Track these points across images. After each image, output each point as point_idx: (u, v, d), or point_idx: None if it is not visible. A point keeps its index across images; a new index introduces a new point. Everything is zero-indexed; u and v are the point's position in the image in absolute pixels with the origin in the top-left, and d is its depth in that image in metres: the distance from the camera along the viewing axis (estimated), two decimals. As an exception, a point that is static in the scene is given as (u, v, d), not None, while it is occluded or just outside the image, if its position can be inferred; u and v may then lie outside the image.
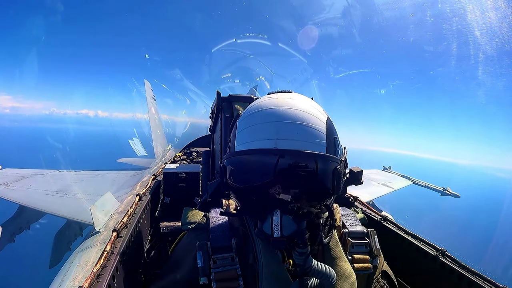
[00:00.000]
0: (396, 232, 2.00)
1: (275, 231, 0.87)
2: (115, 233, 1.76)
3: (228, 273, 0.97)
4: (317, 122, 0.94)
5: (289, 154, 0.87)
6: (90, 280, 1.32)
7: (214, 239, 1.03)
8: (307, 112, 0.95)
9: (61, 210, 5.65)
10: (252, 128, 0.95)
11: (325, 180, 0.91)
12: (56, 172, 8.24)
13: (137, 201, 2.46)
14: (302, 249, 0.91)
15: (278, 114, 0.93)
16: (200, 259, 0.98)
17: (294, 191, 0.88)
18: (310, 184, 0.89)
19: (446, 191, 8.06)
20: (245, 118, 1.00)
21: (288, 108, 0.95)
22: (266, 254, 0.98)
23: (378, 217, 2.21)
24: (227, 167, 0.99)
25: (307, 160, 0.88)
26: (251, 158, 0.91)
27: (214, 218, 1.12)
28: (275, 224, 0.87)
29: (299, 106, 0.96)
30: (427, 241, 1.82)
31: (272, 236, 0.88)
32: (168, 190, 2.99)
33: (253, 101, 2.35)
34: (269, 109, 0.96)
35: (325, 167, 0.91)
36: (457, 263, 1.59)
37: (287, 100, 0.99)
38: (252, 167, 0.91)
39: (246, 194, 0.95)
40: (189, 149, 5.55)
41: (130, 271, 1.91)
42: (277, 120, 0.92)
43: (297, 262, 0.92)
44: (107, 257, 1.53)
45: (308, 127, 0.92)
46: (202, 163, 2.75)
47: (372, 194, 7.04)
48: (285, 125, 0.91)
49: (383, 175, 8.71)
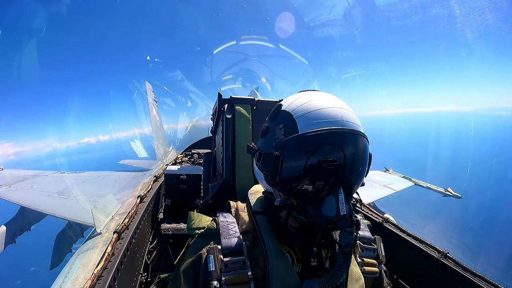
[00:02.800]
0: (397, 234, 2.00)
1: (342, 209, 0.89)
2: (116, 235, 1.77)
3: (240, 277, 0.97)
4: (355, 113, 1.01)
5: (356, 133, 0.94)
6: (91, 281, 1.32)
7: (225, 244, 1.03)
8: (345, 103, 1.02)
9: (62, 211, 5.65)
10: (317, 111, 0.96)
11: (368, 162, 1.00)
12: (58, 174, 8.26)
13: (138, 202, 2.47)
14: (351, 229, 0.93)
15: (333, 102, 0.99)
16: (211, 263, 0.98)
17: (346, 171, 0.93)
18: (363, 164, 0.97)
19: (447, 192, 8.01)
20: (302, 105, 1.00)
21: (336, 99, 1.02)
22: (276, 257, 0.99)
23: (380, 219, 2.21)
24: (284, 154, 0.95)
25: (363, 141, 0.96)
26: (322, 137, 0.91)
27: (223, 222, 1.10)
28: (341, 202, 0.89)
29: (340, 99, 1.03)
30: (429, 243, 1.82)
31: (339, 214, 0.89)
32: (169, 191, 2.99)
33: (254, 102, 2.36)
34: (322, 98, 1.01)
35: (368, 150, 0.99)
36: (459, 265, 1.59)
37: (329, 94, 1.05)
38: (319, 145, 0.92)
39: (305, 176, 0.93)
40: (190, 150, 5.56)
41: (131, 273, 1.91)
42: (339, 106, 0.97)
43: (345, 242, 0.94)
44: (108, 259, 1.54)
45: (356, 115, 0.99)
46: (204, 164, 2.75)
47: (374, 195, 7.01)
48: (345, 111, 0.96)
49: (384, 176, 8.67)
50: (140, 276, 2.11)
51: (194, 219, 1.17)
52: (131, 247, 1.87)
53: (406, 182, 8.37)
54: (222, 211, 1.21)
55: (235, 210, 1.20)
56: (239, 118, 2.27)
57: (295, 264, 1.05)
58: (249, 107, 2.31)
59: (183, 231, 2.46)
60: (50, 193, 6.44)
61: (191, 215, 1.19)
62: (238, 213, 1.18)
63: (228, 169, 2.26)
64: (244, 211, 1.18)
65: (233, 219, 1.14)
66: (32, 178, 7.54)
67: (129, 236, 1.86)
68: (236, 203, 1.24)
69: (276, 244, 1.02)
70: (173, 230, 2.49)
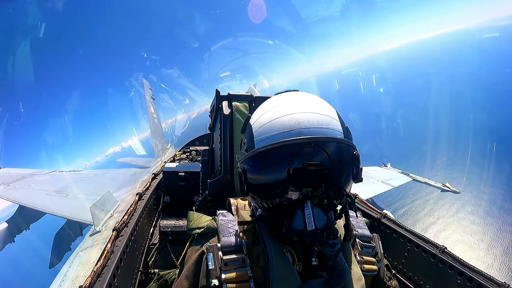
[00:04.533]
0: (395, 229, 2.01)
1: (309, 224, 0.86)
2: (116, 232, 1.77)
3: (239, 275, 0.96)
4: (331, 112, 0.97)
5: (313, 141, 0.88)
6: (91, 279, 1.32)
7: (224, 242, 1.01)
8: (320, 104, 0.99)
9: (61, 210, 5.65)
10: (272, 122, 0.94)
11: (347, 165, 0.94)
12: (56, 172, 8.24)
13: (137, 200, 2.47)
14: (334, 240, 0.91)
15: (294, 107, 0.95)
16: (211, 261, 0.97)
17: (317, 179, 0.89)
18: (337, 170, 0.91)
19: (445, 187, 8.06)
20: (261, 116, 0.99)
21: (303, 102, 0.98)
22: (276, 256, 0.98)
23: (378, 214, 2.22)
24: (245, 168, 0.97)
25: (330, 146, 0.90)
26: (277, 151, 0.89)
27: (223, 221, 1.09)
28: (307, 216, 0.86)
29: (312, 99, 1.01)
30: (427, 238, 1.83)
31: (306, 229, 0.86)
32: (168, 189, 2.99)
33: (252, 99, 2.36)
34: (283, 105, 0.98)
35: (346, 152, 0.94)
36: (456, 260, 1.60)
37: (298, 96, 1.03)
38: (278, 159, 0.90)
39: (270, 190, 0.93)
40: (188, 148, 5.54)
41: (130, 270, 1.91)
42: (301, 111, 0.93)
43: (328, 255, 0.92)
44: (107, 256, 1.54)
45: (325, 116, 0.94)
46: (202, 161, 2.75)
47: (372, 191, 7.05)
48: (307, 115, 0.92)
49: (382, 172, 8.70)
50: (140, 273, 2.12)
51: (193, 219, 1.16)
52: (130, 244, 1.87)
53: (404, 177, 8.40)
54: (222, 209, 1.20)
55: (236, 208, 1.18)
56: (237, 115, 2.26)
57: (296, 263, 1.03)
58: (247, 104, 2.30)
59: (182, 228, 2.46)
60: (49, 191, 6.44)
61: (191, 215, 1.18)
62: (238, 211, 1.16)
63: (226, 166, 2.26)
64: (245, 209, 1.17)
65: (233, 217, 1.12)
66: (30, 176, 7.52)
67: (128, 233, 1.86)
68: (237, 201, 1.22)
69: (277, 243, 1.00)
70: (172, 227, 2.49)
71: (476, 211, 12.51)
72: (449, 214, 12.46)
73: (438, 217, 12.51)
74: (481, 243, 10.30)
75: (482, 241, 10.37)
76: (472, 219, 11.93)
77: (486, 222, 11.77)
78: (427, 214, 12.93)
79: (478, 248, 10.02)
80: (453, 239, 10.62)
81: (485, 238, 10.63)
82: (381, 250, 1.22)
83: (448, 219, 12.26)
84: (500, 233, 10.89)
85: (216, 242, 1.02)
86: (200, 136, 6.22)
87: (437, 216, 12.60)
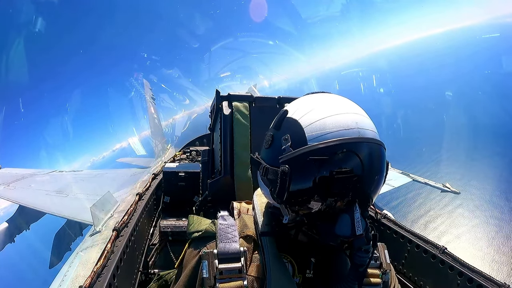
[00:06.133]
0: (395, 230, 2.01)
1: (358, 228, 0.81)
2: (116, 232, 1.77)
3: (234, 286, 0.91)
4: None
5: (373, 144, 0.85)
6: (91, 279, 1.32)
7: (221, 249, 0.96)
8: (361, 108, 0.95)
9: (61, 210, 5.65)
10: (328, 119, 0.86)
11: (386, 172, 0.92)
12: (56, 172, 8.24)
13: (137, 200, 2.47)
14: (367, 246, 0.86)
15: (344, 107, 0.90)
16: (205, 269, 0.92)
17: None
18: (381, 176, 0.88)
19: (445, 188, 8.04)
20: (310, 112, 0.90)
21: (349, 103, 0.94)
22: (275, 267, 0.93)
23: (378, 215, 2.22)
24: (292, 169, 0.85)
25: (382, 151, 0.88)
26: (339, 149, 0.82)
27: (222, 225, 1.03)
28: (357, 220, 0.82)
29: (353, 102, 0.96)
30: (427, 238, 1.83)
31: (355, 235, 0.82)
32: (168, 189, 2.99)
33: (252, 99, 2.36)
34: (330, 104, 0.92)
35: (385, 159, 0.91)
36: (457, 261, 1.60)
37: (340, 97, 0.97)
38: (341, 157, 0.82)
39: (318, 193, 0.85)
40: (188, 148, 5.54)
41: (130, 270, 1.91)
42: (353, 112, 0.88)
43: (360, 262, 0.87)
44: (107, 256, 1.54)
45: (371, 121, 0.91)
46: (202, 162, 2.75)
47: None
48: (360, 117, 0.88)
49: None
50: (140, 273, 2.12)
51: (193, 222, 1.11)
52: (130, 244, 1.87)
53: (404, 177, 8.39)
54: (223, 210, 1.14)
55: (238, 212, 1.13)
56: (237, 115, 2.26)
57: (296, 275, 0.99)
58: (248, 104, 2.30)
59: (182, 228, 2.46)
60: (49, 191, 6.44)
61: (191, 218, 1.14)
62: (240, 215, 1.11)
63: (226, 166, 2.26)
64: (247, 214, 1.11)
65: (233, 222, 1.06)
66: (30, 176, 7.52)
67: (128, 233, 1.86)
68: (240, 205, 1.17)
69: (277, 252, 0.96)
70: (172, 227, 2.49)
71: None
72: (439, 207, 12.90)
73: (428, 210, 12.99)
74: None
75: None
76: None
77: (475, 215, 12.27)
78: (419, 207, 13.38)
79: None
80: (441, 230, 11.28)
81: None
82: (387, 260, 1.12)
83: (438, 211, 12.73)
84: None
85: (213, 249, 0.97)
86: (200, 136, 6.22)
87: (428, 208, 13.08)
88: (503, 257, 9.46)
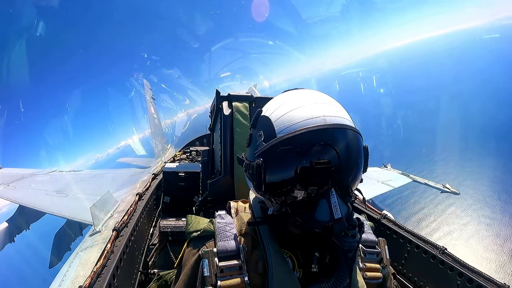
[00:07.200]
0: (395, 230, 2.01)
1: (336, 212, 0.82)
2: (116, 232, 1.77)
3: (236, 282, 0.92)
4: (342, 107, 0.97)
5: (339, 130, 0.88)
6: (91, 279, 1.32)
7: (221, 247, 0.97)
8: (332, 98, 0.98)
9: (61, 210, 5.65)
10: (294, 111, 0.91)
11: (363, 156, 0.94)
12: (56, 172, 8.24)
13: (137, 200, 2.47)
14: (354, 231, 0.87)
15: (313, 98, 0.94)
16: (206, 268, 0.93)
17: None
18: (356, 160, 0.90)
19: (445, 188, 8.05)
20: (278, 108, 0.96)
21: (318, 95, 0.97)
22: (276, 262, 0.94)
23: (378, 215, 2.22)
24: (264, 160, 0.91)
25: (352, 135, 0.90)
26: (305, 137, 0.85)
27: (220, 224, 1.04)
28: (334, 205, 0.83)
29: (324, 94, 0.99)
30: (427, 239, 1.83)
31: (333, 219, 0.82)
32: (168, 189, 2.99)
33: (252, 99, 2.36)
34: (299, 97, 0.97)
35: (361, 143, 0.94)
36: (457, 261, 1.60)
37: (311, 91, 1.01)
38: (315, 146, 0.85)
39: (296, 181, 0.87)
40: (188, 148, 5.55)
41: (130, 270, 1.91)
42: (321, 102, 0.92)
43: (348, 247, 0.87)
44: (107, 257, 1.54)
45: (342, 108, 0.94)
46: (202, 162, 2.75)
47: (372, 192, 7.04)
48: (327, 106, 0.91)
49: (382, 173, 8.69)
50: (140, 273, 2.12)
51: (191, 222, 1.12)
52: (130, 244, 1.87)
53: (404, 178, 8.40)
54: (222, 210, 1.15)
55: (235, 211, 1.15)
56: (237, 115, 2.27)
57: (296, 270, 0.99)
58: (248, 104, 2.31)
59: (182, 228, 2.46)
60: (49, 191, 6.44)
61: (189, 218, 1.15)
62: (238, 213, 1.12)
63: (226, 166, 2.26)
64: (245, 212, 1.13)
65: (231, 220, 1.07)
66: (30, 176, 7.52)
67: (128, 233, 1.86)
68: (237, 203, 1.19)
69: (277, 248, 0.97)
70: (172, 228, 2.49)
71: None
72: (433, 205, 13.22)
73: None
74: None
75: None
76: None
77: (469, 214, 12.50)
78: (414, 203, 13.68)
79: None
80: (433, 227, 11.65)
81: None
82: (387, 256, 1.15)
83: (431, 209, 13.04)
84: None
85: (212, 247, 0.98)
86: (200, 136, 6.23)
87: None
88: (492, 254, 9.66)
